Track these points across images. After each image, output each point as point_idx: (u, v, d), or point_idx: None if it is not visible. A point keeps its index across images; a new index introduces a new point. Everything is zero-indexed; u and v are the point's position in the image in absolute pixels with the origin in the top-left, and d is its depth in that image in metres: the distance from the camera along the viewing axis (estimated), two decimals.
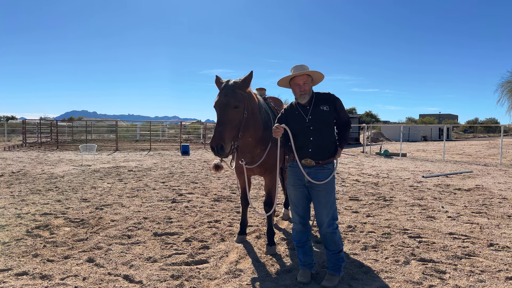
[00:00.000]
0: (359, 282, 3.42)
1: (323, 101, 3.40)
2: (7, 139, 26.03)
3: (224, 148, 3.28)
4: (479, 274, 3.56)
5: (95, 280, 3.38)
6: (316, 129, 3.32)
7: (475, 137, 55.89)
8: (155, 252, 4.10)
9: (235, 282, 3.41)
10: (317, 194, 3.33)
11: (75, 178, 9.29)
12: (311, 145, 3.31)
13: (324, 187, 3.31)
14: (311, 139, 3.31)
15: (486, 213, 6.01)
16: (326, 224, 3.33)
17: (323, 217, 3.34)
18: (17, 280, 3.35)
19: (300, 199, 3.43)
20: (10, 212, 5.74)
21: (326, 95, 3.47)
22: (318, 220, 3.40)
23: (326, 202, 3.32)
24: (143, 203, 6.58)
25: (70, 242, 4.39)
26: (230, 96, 3.40)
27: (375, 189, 8.18)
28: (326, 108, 3.36)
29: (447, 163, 14.74)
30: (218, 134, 3.28)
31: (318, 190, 3.32)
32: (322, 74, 3.45)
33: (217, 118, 3.43)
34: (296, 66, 3.43)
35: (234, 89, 3.44)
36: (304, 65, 3.43)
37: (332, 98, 3.45)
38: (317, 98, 3.43)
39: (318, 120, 3.33)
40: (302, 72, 3.35)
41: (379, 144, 27.60)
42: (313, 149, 3.31)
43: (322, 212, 3.34)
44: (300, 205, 3.44)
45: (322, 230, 3.38)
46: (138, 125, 35.07)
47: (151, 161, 13.91)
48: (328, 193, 3.33)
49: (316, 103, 3.39)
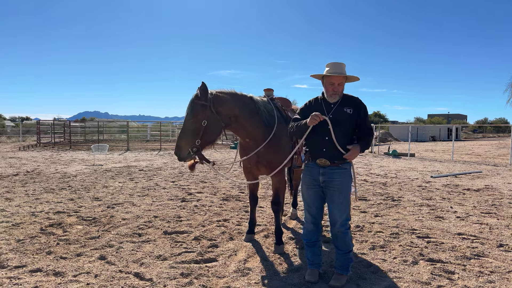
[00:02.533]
0: (367, 282, 3.43)
1: (348, 104, 3.33)
2: (22, 139, 26.52)
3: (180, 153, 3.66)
4: (489, 275, 3.55)
5: (106, 277, 3.46)
6: (334, 129, 3.25)
7: (485, 137, 55.05)
8: (165, 250, 4.17)
9: (243, 280, 3.46)
10: (332, 194, 3.31)
11: (88, 178, 9.44)
12: (325, 145, 3.28)
13: (339, 188, 3.28)
14: (326, 138, 3.27)
15: (495, 213, 5.96)
16: (339, 223, 3.32)
17: (336, 217, 3.33)
18: (31, 277, 3.45)
19: (314, 199, 3.41)
20: (24, 210, 5.88)
21: (353, 99, 3.39)
22: (331, 219, 3.39)
23: (340, 203, 3.29)
24: (154, 202, 6.67)
25: (82, 240, 4.49)
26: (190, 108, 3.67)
27: (383, 189, 8.16)
28: (349, 111, 3.28)
29: (456, 163, 14.59)
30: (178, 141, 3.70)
31: (333, 190, 3.30)
32: (358, 78, 3.42)
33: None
34: (333, 64, 3.33)
35: (192, 101, 3.67)
36: (342, 64, 3.33)
37: (358, 102, 3.37)
38: (344, 99, 3.36)
39: (338, 120, 3.26)
40: (341, 75, 3.27)
41: (387, 144, 27.40)
42: (327, 149, 3.27)
43: (336, 212, 3.32)
44: (314, 205, 3.42)
45: (335, 229, 3.37)
46: (148, 125, 35.39)
47: (161, 161, 14.05)
48: (342, 193, 3.29)
49: (341, 104, 3.33)
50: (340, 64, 3.32)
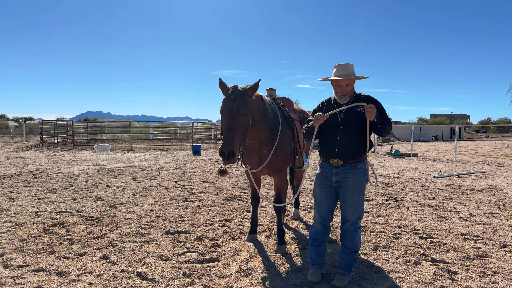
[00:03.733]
0: (369, 282, 3.43)
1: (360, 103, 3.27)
2: (25, 139, 26.62)
3: (235, 154, 3.30)
4: (492, 276, 3.54)
5: (109, 276, 3.47)
6: (345, 129, 3.25)
7: (488, 137, 54.84)
8: (168, 250, 4.18)
9: (245, 280, 3.46)
10: (345, 194, 3.30)
11: (90, 177, 9.47)
12: (337, 145, 3.27)
13: (352, 187, 3.27)
14: (338, 138, 3.26)
15: (499, 214, 5.93)
16: (350, 221, 3.32)
17: (348, 215, 3.32)
18: (34, 276, 3.46)
19: (325, 199, 3.39)
20: (28, 210, 5.90)
21: (365, 98, 3.31)
22: (342, 217, 3.38)
23: (353, 202, 3.28)
24: (156, 202, 6.68)
25: (85, 239, 4.50)
26: (240, 103, 3.40)
27: (386, 189, 8.14)
28: (361, 110, 3.21)
29: (459, 163, 14.53)
30: (230, 140, 3.29)
31: (346, 190, 3.29)
32: (367, 76, 3.39)
33: (225, 123, 3.41)
34: (340, 66, 3.31)
35: (243, 96, 3.45)
36: (349, 65, 3.31)
37: (370, 100, 3.30)
38: (355, 99, 3.32)
39: (349, 121, 3.25)
40: (348, 78, 3.25)
41: (390, 144, 27.31)
42: (339, 149, 3.26)
43: (348, 211, 3.31)
44: (324, 205, 3.40)
45: (345, 226, 3.35)
46: (151, 125, 35.46)
47: (164, 161, 14.07)
48: (356, 193, 3.27)
49: (353, 103, 3.28)
50: (347, 66, 3.31)
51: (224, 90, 3.55)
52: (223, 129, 3.41)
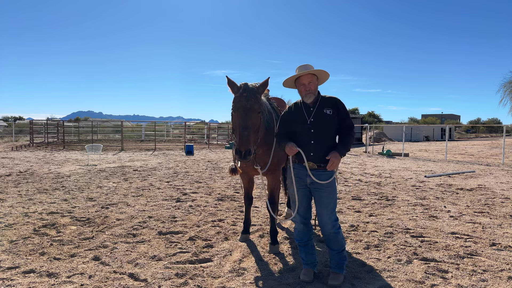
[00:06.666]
0: (361, 281, 3.45)
1: (327, 105, 3.40)
2: (14, 139, 26.25)
3: (251, 152, 3.28)
4: (482, 274, 3.58)
5: (100, 278, 3.44)
6: (317, 132, 3.34)
7: (477, 137, 55.56)
8: (160, 251, 4.16)
9: (238, 280, 3.46)
10: (320, 195, 3.37)
11: (81, 178, 9.38)
12: (312, 149, 3.33)
13: (326, 188, 3.35)
14: (312, 142, 3.33)
15: (488, 212, 6.02)
16: (329, 225, 3.37)
17: (325, 218, 3.38)
18: (24, 278, 3.42)
19: (301, 199, 3.47)
20: (17, 211, 5.83)
21: (331, 99, 3.45)
22: (320, 221, 3.44)
23: (328, 203, 3.36)
24: (148, 202, 6.64)
25: (76, 240, 4.46)
26: (254, 101, 3.39)
27: (377, 189, 8.20)
28: (329, 112, 3.35)
29: (449, 163, 14.70)
30: (246, 138, 3.25)
31: (320, 191, 3.35)
32: (327, 72, 3.47)
33: (238, 121, 3.35)
34: (300, 66, 3.46)
35: (256, 94, 3.45)
36: (308, 65, 3.45)
37: (336, 101, 3.44)
38: (322, 101, 3.43)
39: (319, 123, 3.35)
40: (307, 71, 3.37)
41: (381, 144, 27.54)
42: (315, 153, 3.32)
43: (324, 213, 3.38)
44: (302, 205, 3.48)
45: (326, 231, 3.42)
46: (143, 125, 35.25)
47: (156, 161, 14.00)
48: (330, 194, 3.36)
49: (320, 106, 3.40)
50: (306, 65, 3.45)
51: (234, 88, 3.51)
52: (238, 127, 3.35)
